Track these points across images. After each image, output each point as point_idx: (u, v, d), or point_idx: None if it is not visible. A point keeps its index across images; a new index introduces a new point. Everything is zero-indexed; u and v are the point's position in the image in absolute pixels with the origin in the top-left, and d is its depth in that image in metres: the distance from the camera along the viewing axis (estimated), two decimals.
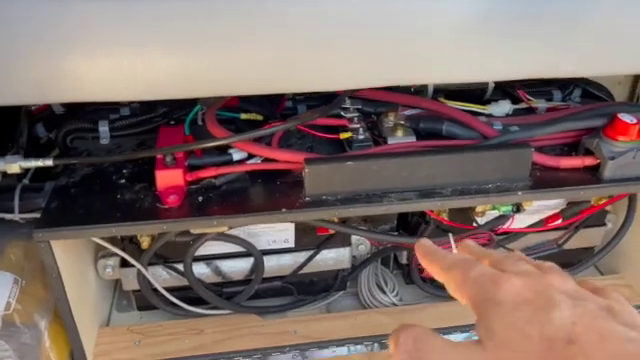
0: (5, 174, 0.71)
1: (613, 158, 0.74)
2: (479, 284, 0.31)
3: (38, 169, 0.76)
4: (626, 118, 0.74)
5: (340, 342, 0.85)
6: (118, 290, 0.95)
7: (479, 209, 0.82)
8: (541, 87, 0.95)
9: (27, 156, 0.72)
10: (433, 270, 0.35)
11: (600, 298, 0.29)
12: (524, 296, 0.29)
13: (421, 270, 0.89)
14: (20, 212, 0.75)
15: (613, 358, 0.25)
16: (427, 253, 0.35)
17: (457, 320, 0.85)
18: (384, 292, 0.94)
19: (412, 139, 0.78)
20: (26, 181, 0.78)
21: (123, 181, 0.74)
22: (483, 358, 0.28)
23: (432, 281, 0.91)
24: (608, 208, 0.92)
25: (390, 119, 0.81)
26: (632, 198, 0.88)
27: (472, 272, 0.31)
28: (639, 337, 0.25)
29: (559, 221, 0.87)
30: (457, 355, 0.29)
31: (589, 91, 0.95)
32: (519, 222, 0.86)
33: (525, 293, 0.29)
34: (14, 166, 0.68)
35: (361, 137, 0.78)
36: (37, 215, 0.73)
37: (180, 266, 0.82)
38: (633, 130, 0.73)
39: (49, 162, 0.70)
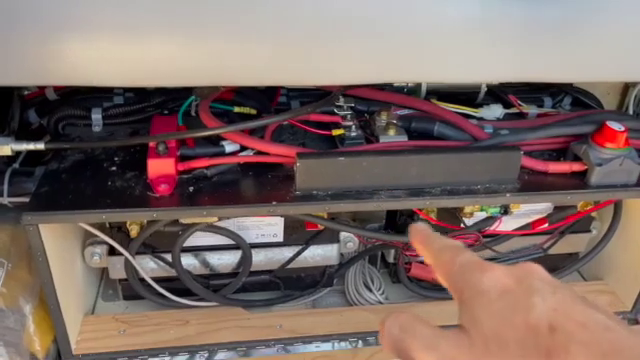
0: None
1: (600, 164, 0.75)
2: (464, 270, 0.31)
3: (28, 155, 0.76)
4: (614, 125, 0.75)
5: (325, 338, 0.85)
6: (104, 279, 0.95)
7: (467, 210, 0.83)
8: (532, 93, 0.96)
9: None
10: (424, 255, 0.35)
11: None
12: (507, 284, 0.29)
13: (408, 269, 0.90)
14: (9, 196, 0.74)
15: (594, 345, 0.25)
16: (421, 240, 0.35)
17: (442, 320, 0.84)
18: (370, 290, 0.94)
19: (404, 138, 0.79)
20: (16, 165, 0.77)
21: (114, 168, 0.74)
22: (471, 346, 0.28)
23: (418, 280, 0.92)
24: (593, 215, 0.93)
25: (383, 118, 0.81)
26: (618, 206, 0.89)
27: (460, 257, 0.31)
28: (616, 326, 0.26)
29: (545, 225, 0.88)
30: (444, 342, 0.29)
31: (579, 99, 0.96)
32: (506, 225, 0.87)
33: (507, 281, 0.29)
34: (5, 148, 0.68)
35: (353, 134, 0.79)
36: (26, 199, 0.73)
37: (168, 256, 0.82)
38: (621, 138, 0.75)
39: (40, 146, 0.70)
